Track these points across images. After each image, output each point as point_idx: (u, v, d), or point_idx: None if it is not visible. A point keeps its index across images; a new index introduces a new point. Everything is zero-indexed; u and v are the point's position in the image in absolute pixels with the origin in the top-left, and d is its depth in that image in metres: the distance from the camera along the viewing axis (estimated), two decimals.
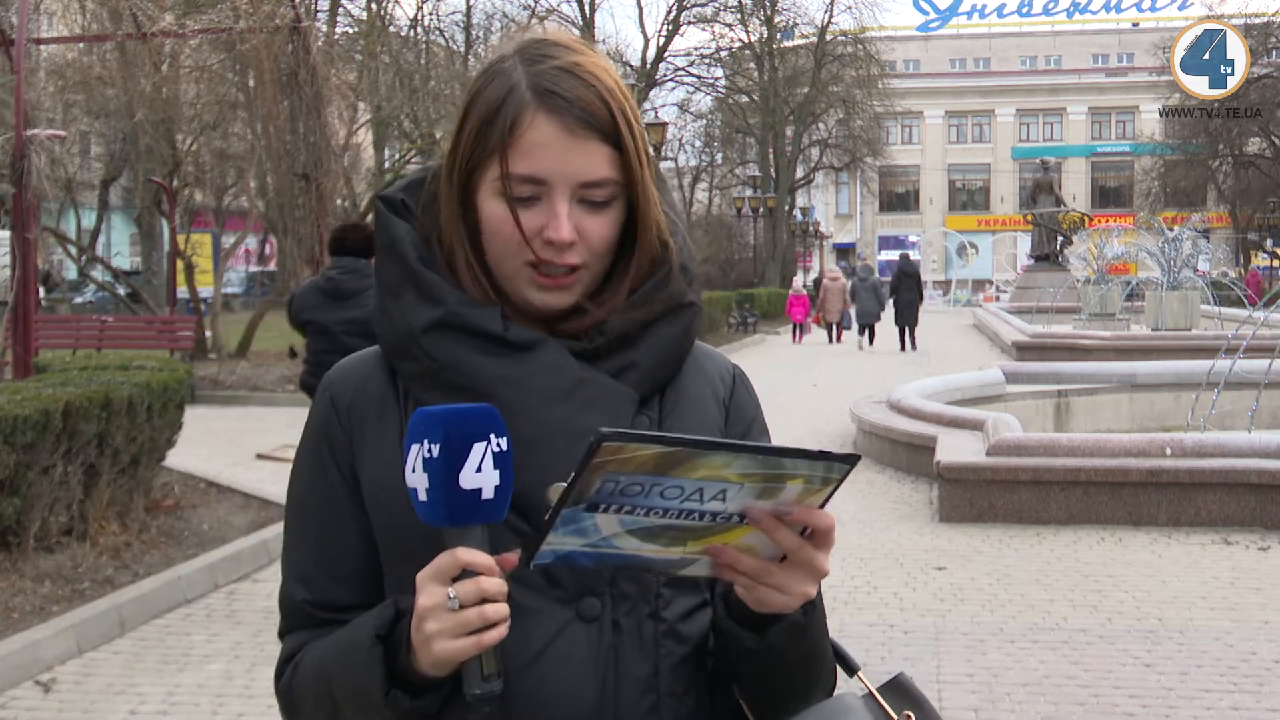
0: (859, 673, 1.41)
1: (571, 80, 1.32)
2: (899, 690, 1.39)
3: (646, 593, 1.35)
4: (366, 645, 1.26)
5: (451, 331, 1.36)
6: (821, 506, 1.19)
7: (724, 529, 1.17)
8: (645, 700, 1.34)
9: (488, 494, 1.19)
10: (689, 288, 1.43)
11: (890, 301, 27.65)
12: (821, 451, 1.13)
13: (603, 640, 1.32)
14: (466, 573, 1.18)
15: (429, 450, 1.19)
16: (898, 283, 27.57)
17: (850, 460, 1.14)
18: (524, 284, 1.36)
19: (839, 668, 1.44)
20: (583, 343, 1.37)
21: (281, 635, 1.44)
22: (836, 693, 1.41)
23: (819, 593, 1.31)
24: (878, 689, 1.38)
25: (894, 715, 1.36)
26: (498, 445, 1.20)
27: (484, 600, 1.18)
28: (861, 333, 27.74)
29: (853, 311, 29.11)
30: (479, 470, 1.19)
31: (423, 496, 1.20)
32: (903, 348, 26.26)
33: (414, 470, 1.21)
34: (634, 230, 1.39)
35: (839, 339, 29.98)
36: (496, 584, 1.18)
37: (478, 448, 1.19)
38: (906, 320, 26.65)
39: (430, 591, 1.19)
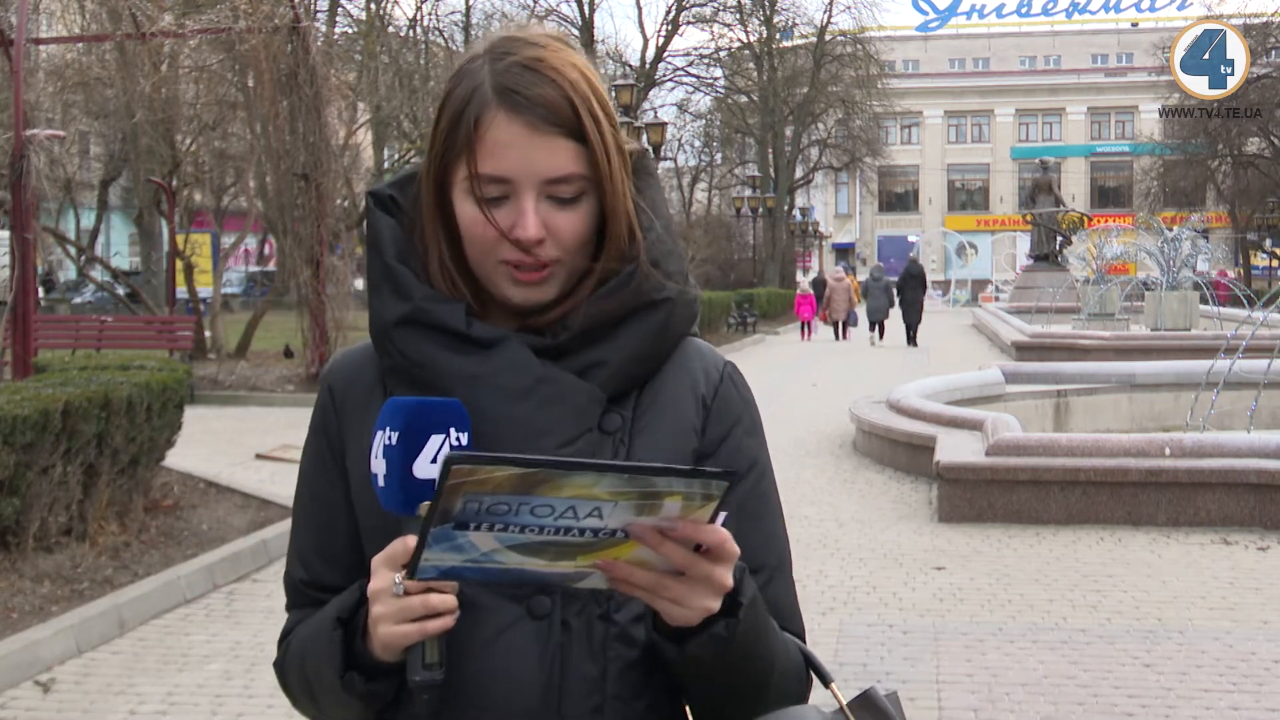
0: (833, 685, 1.38)
1: (532, 77, 1.32)
2: (869, 705, 1.35)
3: (598, 594, 1.33)
4: (328, 627, 1.30)
5: (418, 327, 1.37)
6: (711, 521, 1.15)
7: (610, 544, 1.14)
8: (590, 700, 1.33)
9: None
10: (667, 283, 1.41)
11: (897, 300, 29.43)
12: (694, 469, 1.11)
13: (551, 638, 1.32)
14: None
15: (389, 438, 1.24)
16: (903, 283, 29.25)
17: (727, 476, 1.11)
18: (502, 280, 1.37)
19: (815, 678, 1.41)
20: (545, 339, 1.38)
21: (288, 610, 1.49)
22: (811, 703, 1.39)
23: (750, 606, 1.26)
24: (848, 704, 1.35)
25: None
26: (456, 439, 1.23)
27: (430, 589, 1.19)
28: (872, 329, 29.34)
29: (860, 310, 31.38)
30: (434, 461, 1.22)
31: (381, 482, 1.25)
32: (908, 342, 27.93)
33: (376, 456, 1.25)
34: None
35: (845, 336, 31.12)
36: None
37: (435, 439, 1.22)
38: (911, 317, 28.44)
39: (380, 575, 1.22)
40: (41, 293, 27.01)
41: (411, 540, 1.18)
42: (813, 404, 16.21)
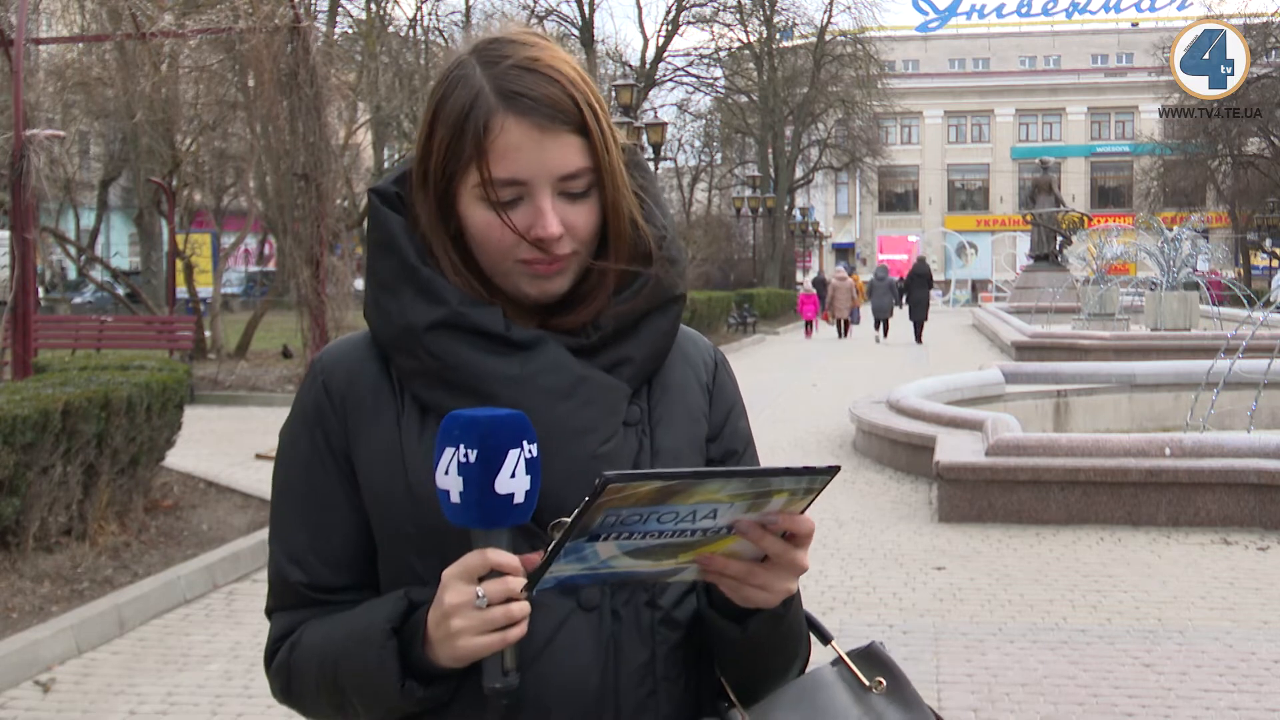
0: (833, 642, 1.46)
1: (533, 77, 1.33)
2: (871, 658, 1.43)
3: (644, 581, 1.38)
4: (380, 638, 1.29)
5: (454, 331, 1.37)
6: (802, 512, 1.24)
7: (713, 540, 1.23)
8: (644, 686, 1.38)
9: (519, 499, 1.23)
10: (681, 280, 1.46)
11: (904, 298, 31.10)
12: (806, 467, 1.18)
13: (603, 629, 1.36)
14: (493, 572, 1.22)
15: (465, 455, 1.22)
16: (910, 282, 30.56)
17: (831, 471, 1.19)
18: (519, 278, 1.38)
19: (814, 638, 1.48)
20: (579, 339, 1.40)
21: (269, 612, 1.46)
22: (813, 664, 1.45)
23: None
24: (850, 655, 1.43)
25: (866, 682, 1.40)
26: (529, 451, 1.24)
27: (509, 599, 1.21)
28: (877, 326, 30.69)
29: (863, 308, 33.24)
30: (513, 476, 1.23)
31: (455, 499, 1.23)
32: (916, 339, 29.20)
33: (446, 473, 1.24)
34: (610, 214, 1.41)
35: (847, 334, 32.22)
36: (521, 583, 1.22)
37: (512, 454, 1.23)
38: (918, 316, 29.81)
39: (457, 589, 1.23)
40: (41, 292, 27.00)
41: (493, 555, 1.22)
42: (813, 404, 16.20)
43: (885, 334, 30.36)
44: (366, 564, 1.41)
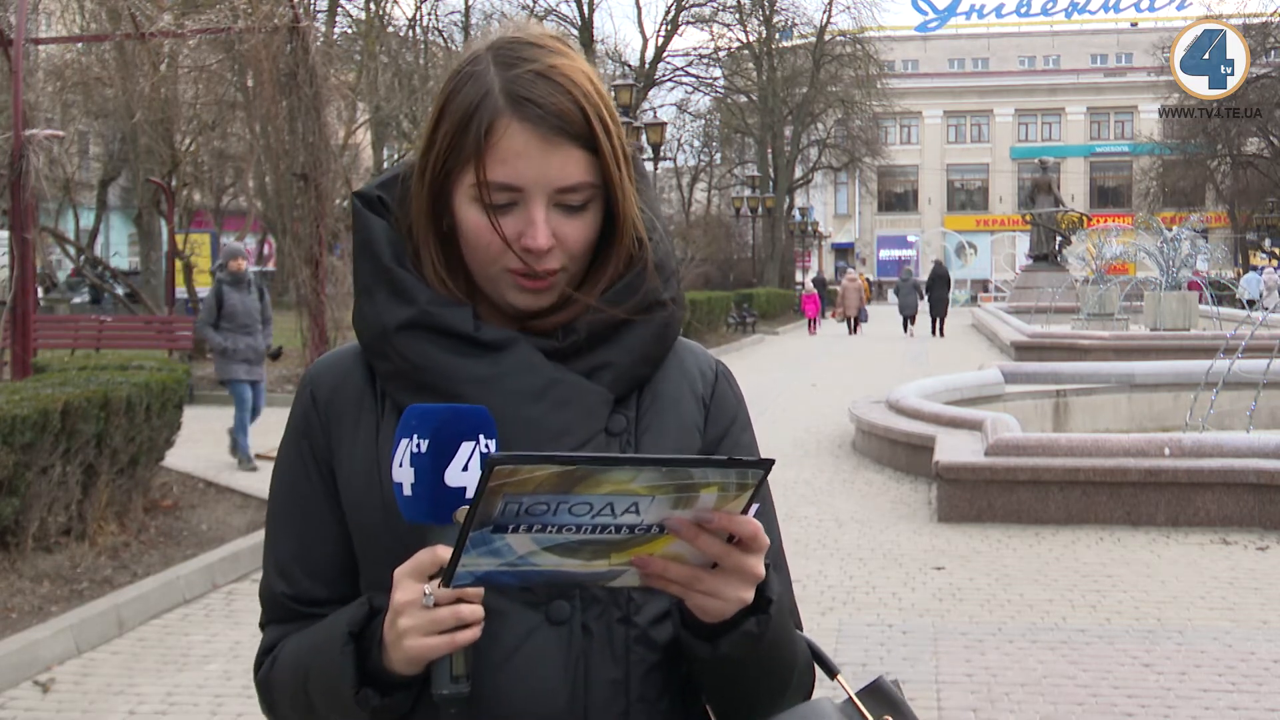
0: (839, 676, 1.39)
1: (546, 85, 1.30)
2: (878, 694, 1.37)
3: (617, 597, 1.33)
4: (339, 642, 1.26)
5: (423, 331, 1.35)
6: (744, 512, 1.16)
7: (645, 540, 1.15)
8: (615, 705, 1.33)
9: (471, 494, 1.18)
10: (666, 285, 1.41)
11: (926, 297, 34.60)
12: (730, 459, 1.11)
13: (572, 644, 1.31)
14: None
15: (417, 445, 1.20)
16: (931, 283, 34.52)
17: (763, 465, 1.11)
18: (505, 287, 1.35)
19: (820, 670, 1.42)
20: (554, 341, 1.36)
21: (262, 626, 1.44)
22: (816, 696, 1.40)
23: (778, 602, 1.27)
24: (857, 693, 1.36)
25: (871, 718, 1.34)
26: (485, 446, 1.21)
27: (459, 600, 1.17)
28: (908, 323, 33.88)
29: (869, 307, 36.25)
30: (465, 469, 1.20)
31: (407, 491, 1.21)
32: (934, 333, 32.26)
33: (400, 465, 1.22)
34: (613, 229, 1.38)
35: (857, 330, 34.66)
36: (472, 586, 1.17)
37: (466, 446, 1.20)
38: (938, 312, 33.38)
39: (407, 587, 1.19)
40: (41, 292, 26.99)
41: (442, 551, 1.17)
42: (812, 404, 16.21)
43: (912, 324, 33.33)
44: (352, 577, 1.39)
